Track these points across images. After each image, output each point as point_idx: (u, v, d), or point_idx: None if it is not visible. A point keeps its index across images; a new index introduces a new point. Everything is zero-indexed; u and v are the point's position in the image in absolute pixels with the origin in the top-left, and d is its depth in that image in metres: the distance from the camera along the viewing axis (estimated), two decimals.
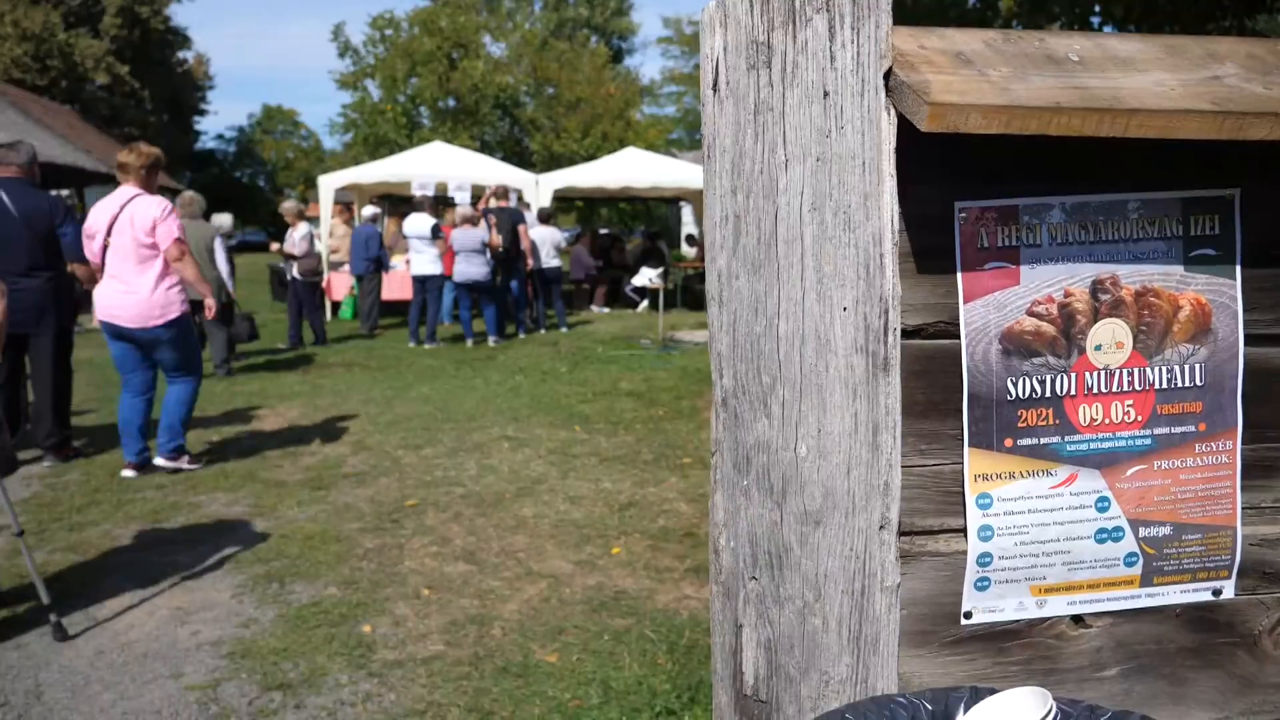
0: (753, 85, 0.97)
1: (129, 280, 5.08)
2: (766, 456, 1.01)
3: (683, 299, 16.12)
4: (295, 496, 4.96)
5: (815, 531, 1.01)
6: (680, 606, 3.53)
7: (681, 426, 6.57)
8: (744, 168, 0.99)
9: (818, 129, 0.97)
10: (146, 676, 3.03)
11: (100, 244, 5.12)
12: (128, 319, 5.08)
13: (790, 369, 1.00)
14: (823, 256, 0.98)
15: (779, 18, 0.96)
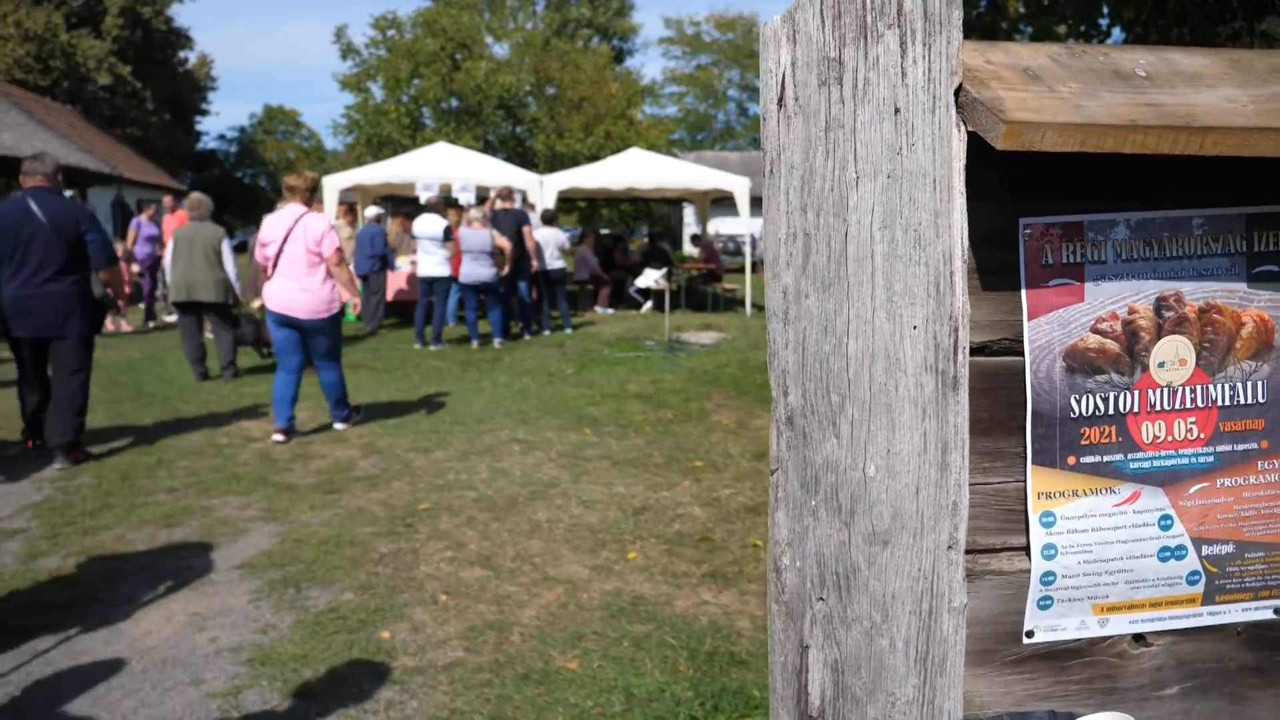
0: (824, 102, 0.96)
1: (302, 280, 6.12)
2: (835, 476, 1.00)
3: (686, 300, 16.12)
4: (307, 500, 4.95)
5: (883, 552, 1.00)
6: (699, 612, 3.52)
7: (691, 429, 6.56)
8: (814, 185, 0.98)
9: (888, 146, 0.96)
10: (167, 684, 3.02)
11: (275, 251, 6.13)
12: (300, 311, 6.14)
13: (859, 388, 0.99)
14: (893, 274, 0.97)
15: (850, 33, 0.95)
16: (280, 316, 6.20)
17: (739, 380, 8.47)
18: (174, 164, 38.74)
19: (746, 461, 5.68)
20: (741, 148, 52.47)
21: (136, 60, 35.31)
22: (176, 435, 6.46)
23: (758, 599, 3.64)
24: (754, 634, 3.34)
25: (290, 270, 6.13)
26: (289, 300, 6.14)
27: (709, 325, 12.96)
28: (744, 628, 3.39)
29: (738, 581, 3.81)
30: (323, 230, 6.21)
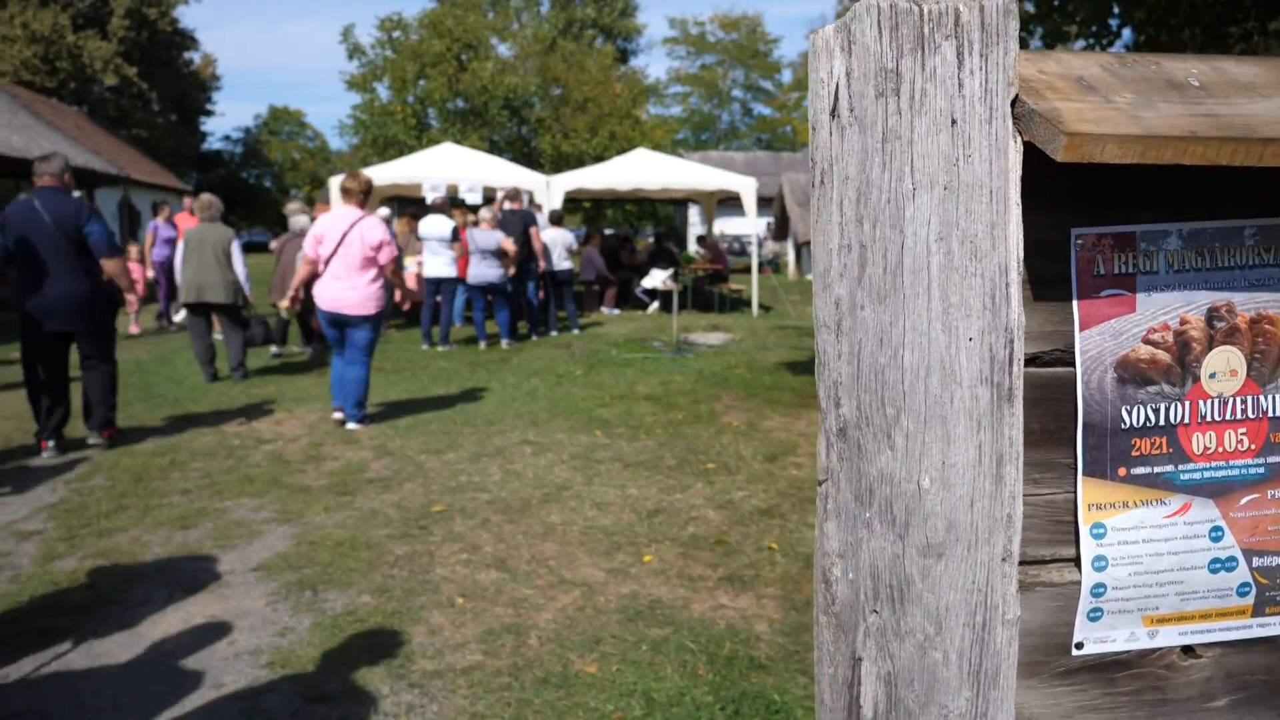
0: (881, 113, 0.96)
1: (352, 279, 6.47)
2: (889, 488, 1.00)
3: (693, 301, 16.11)
4: (321, 502, 4.95)
5: (937, 564, 1.00)
6: (717, 616, 3.52)
7: (702, 431, 6.56)
8: (870, 197, 0.97)
9: (945, 157, 0.95)
10: (188, 687, 3.03)
11: (330, 250, 6.45)
12: (349, 307, 6.47)
13: (914, 400, 0.98)
14: (949, 286, 0.96)
15: (908, 44, 0.95)
16: (330, 315, 6.56)
17: (748, 382, 8.46)
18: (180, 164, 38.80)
19: (758, 464, 5.67)
20: (746, 148, 52.44)
21: (142, 61, 35.39)
22: (188, 436, 6.46)
23: (775, 602, 3.64)
24: (772, 638, 3.34)
25: (341, 272, 6.47)
26: (339, 299, 6.48)
27: (716, 326, 12.95)
28: (762, 631, 3.39)
29: (754, 585, 3.80)
30: (380, 238, 6.52)
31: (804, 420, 6.91)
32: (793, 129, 50.76)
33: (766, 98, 55.35)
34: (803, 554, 4.14)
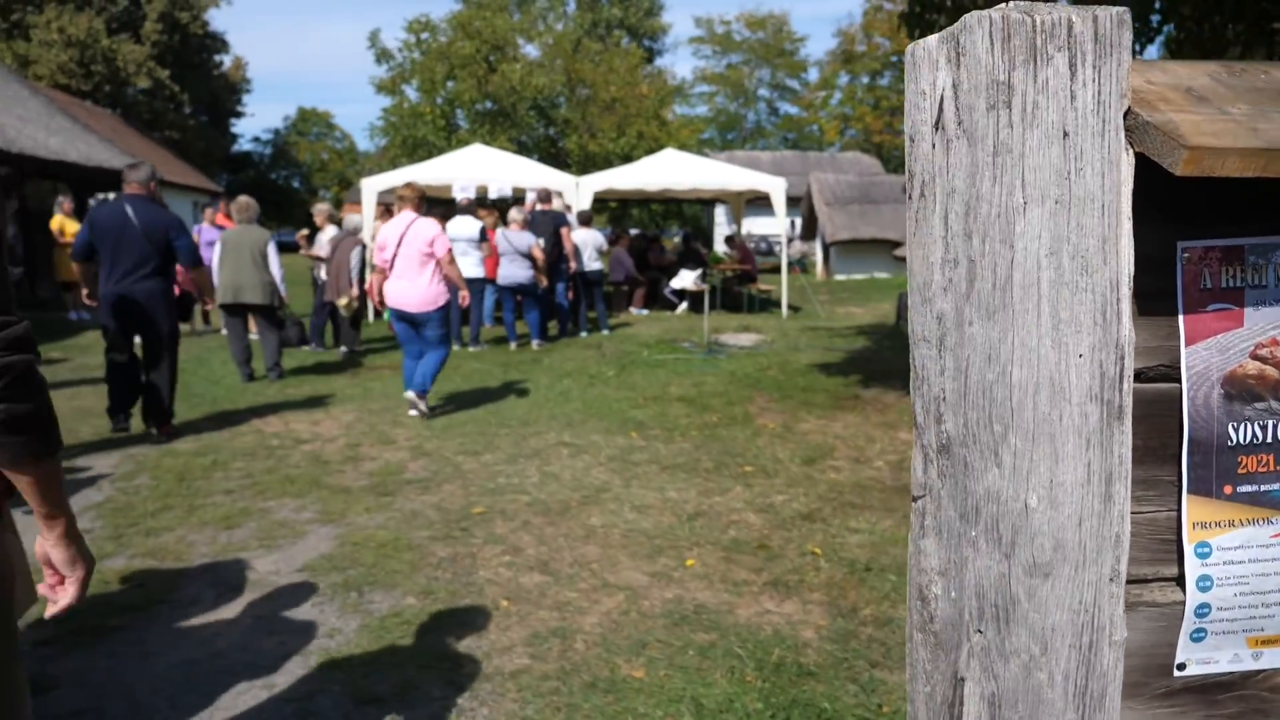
0: (992, 126, 0.94)
1: (413, 278, 6.94)
2: (996, 507, 0.99)
3: (721, 301, 16.07)
4: (362, 503, 4.98)
5: (1044, 584, 0.98)
6: (763, 621, 3.50)
7: (737, 434, 6.54)
8: (980, 211, 0.96)
9: (1056, 171, 0.94)
10: (240, 687, 3.05)
11: (391, 253, 6.97)
12: (413, 305, 6.97)
13: (1022, 417, 0.97)
14: (1059, 302, 0.95)
15: (1020, 56, 0.93)
16: (397, 311, 7.08)
17: (781, 383, 8.43)
18: (210, 166, 39.22)
19: (796, 467, 5.65)
20: (772, 147, 52.29)
21: (174, 64, 35.80)
22: (228, 436, 6.53)
23: (821, 608, 3.62)
24: (819, 644, 3.32)
25: (404, 270, 6.96)
26: (403, 296, 6.99)
27: (746, 327, 12.92)
28: (809, 638, 3.37)
29: (799, 591, 3.78)
30: (434, 233, 7.04)
31: (839, 423, 6.87)
32: (819, 128, 50.58)
33: (793, 97, 55.19)
34: (846, 559, 4.11)
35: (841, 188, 26.82)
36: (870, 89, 46.19)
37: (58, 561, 1.56)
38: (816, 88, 51.80)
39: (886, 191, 26.80)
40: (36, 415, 1.45)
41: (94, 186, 17.74)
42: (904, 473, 5.52)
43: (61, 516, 1.54)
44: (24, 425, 1.42)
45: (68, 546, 1.55)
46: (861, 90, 46.76)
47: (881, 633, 3.41)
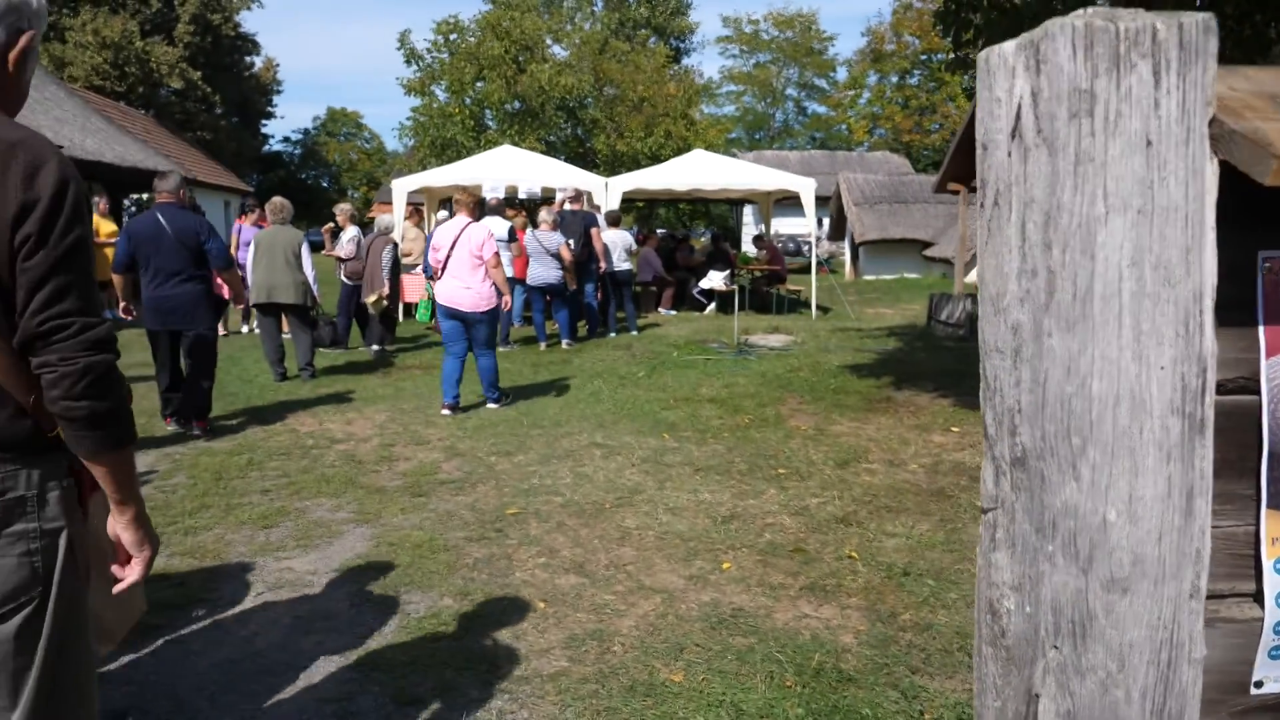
0: (1073, 135, 0.93)
1: (466, 279, 7.22)
2: (1074, 521, 0.97)
3: (750, 302, 16.02)
4: (397, 503, 5.01)
5: (1122, 600, 0.97)
6: (801, 626, 3.48)
7: (770, 435, 6.51)
8: (1060, 221, 0.94)
9: (1139, 180, 0.92)
10: (280, 686, 3.07)
11: (445, 255, 7.25)
12: (465, 305, 7.24)
13: (1102, 431, 0.95)
14: (1140, 314, 0.93)
15: (1103, 64, 0.91)
16: (447, 310, 7.32)
17: (813, 385, 8.39)
18: (241, 166, 39.62)
19: (830, 470, 5.61)
20: (800, 146, 52.09)
21: (206, 66, 36.17)
22: (263, 435, 6.58)
23: (859, 613, 3.59)
24: (859, 650, 3.29)
25: (457, 271, 7.24)
26: (455, 296, 7.24)
27: (776, 328, 12.87)
28: (849, 643, 3.35)
29: (837, 595, 3.76)
30: (484, 238, 7.28)
31: (872, 425, 6.83)
32: (848, 127, 50.31)
33: (821, 96, 54.96)
34: (883, 564, 4.08)
35: (870, 187, 26.67)
36: (899, 88, 45.90)
37: (128, 543, 1.69)
38: (845, 87, 51.55)
39: (916, 191, 26.61)
40: (115, 411, 1.56)
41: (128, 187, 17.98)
42: (939, 476, 5.47)
43: (133, 503, 1.67)
44: (103, 421, 1.54)
45: (137, 529, 1.69)
46: (891, 89, 46.48)
47: (921, 638, 3.38)
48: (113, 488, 1.63)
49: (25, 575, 1.58)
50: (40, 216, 1.48)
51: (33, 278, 1.49)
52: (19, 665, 1.60)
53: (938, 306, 12.69)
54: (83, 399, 1.51)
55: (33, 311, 1.50)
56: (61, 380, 1.50)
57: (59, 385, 1.50)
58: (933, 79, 44.02)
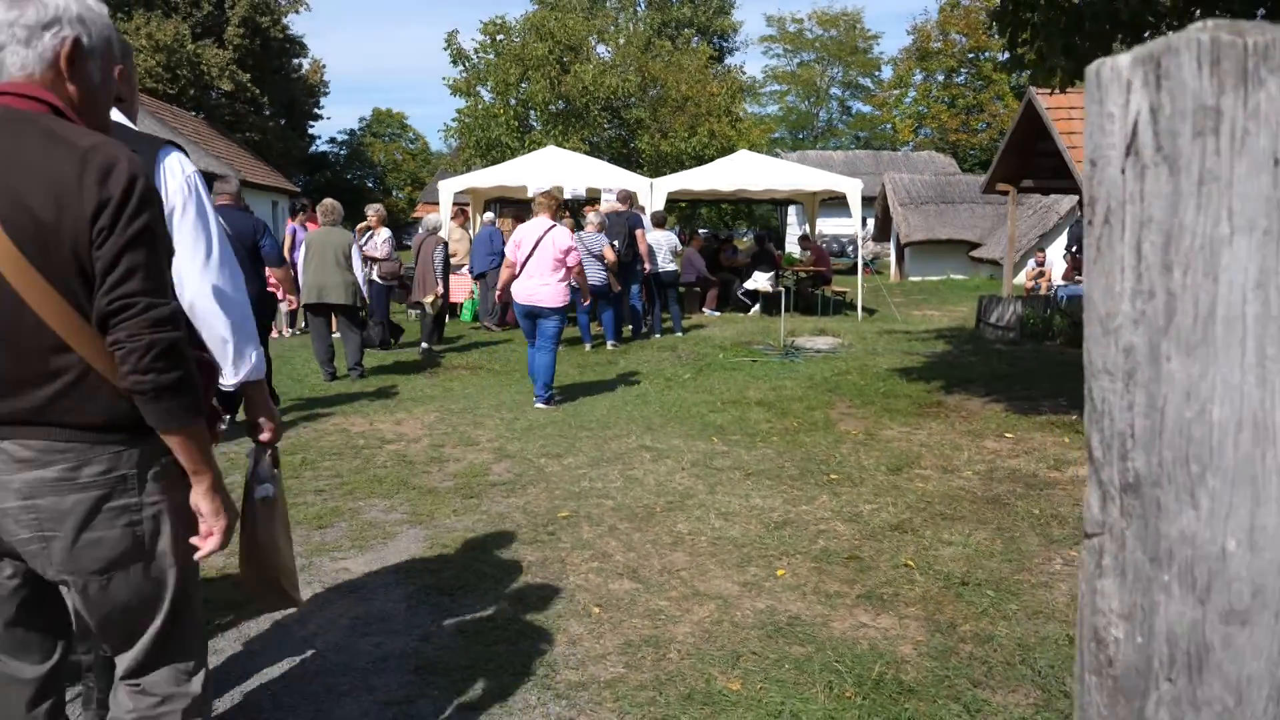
0: (1197, 153, 0.90)
1: (545, 278, 7.57)
2: (1191, 550, 0.94)
3: (795, 303, 15.92)
4: (449, 505, 5.04)
5: (1240, 632, 0.94)
6: (859, 636, 3.45)
7: (820, 440, 6.46)
8: (1182, 242, 0.91)
9: (1266, 200, 0.89)
10: (341, 688, 3.10)
11: (526, 253, 7.58)
12: (542, 301, 7.58)
13: (1222, 458, 0.92)
14: (1265, 338, 0.90)
15: (1230, 80, 0.88)
16: (525, 307, 7.67)
17: (862, 389, 8.31)
18: (289, 166, 40.15)
19: (882, 475, 5.56)
20: (844, 146, 51.71)
21: (255, 68, 36.71)
22: (314, 435, 6.67)
23: (918, 623, 3.54)
24: (919, 661, 3.25)
25: (536, 271, 7.59)
26: (534, 294, 7.60)
27: (823, 330, 12.78)
28: (908, 654, 3.30)
29: (894, 605, 3.72)
30: (569, 244, 7.71)
31: (923, 430, 6.75)
32: (893, 126, 49.82)
33: (865, 95, 54.50)
34: (941, 573, 4.03)
35: (917, 187, 26.39)
36: (946, 86, 45.32)
37: (205, 512, 1.81)
38: (890, 85, 51.03)
39: (963, 191, 26.29)
40: (180, 385, 1.67)
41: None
42: (995, 483, 5.39)
43: (208, 473, 1.79)
44: (170, 393, 1.66)
45: (213, 499, 1.80)
46: (937, 88, 45.90)
47: (983, 650, 3.33)
48: (187, 459, 1.74)
49: (128, 545, 1.76)
50: (112, 210, 1.62)
51: (104, 263, 1.62)
52: (128, 623, 1.82)
53: (987, 309, 12.52)
54: (149, 373, 1.62)
55: (103, 292, 1.63)
56: (129, 356, 1.62)
57: (127, 361, 1.62)
58: (980, 77, 43.46)
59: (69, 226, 1.61)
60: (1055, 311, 12.14)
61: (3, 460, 1.68)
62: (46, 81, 1.72)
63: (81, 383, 1.68)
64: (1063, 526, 4.64)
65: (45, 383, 1.67)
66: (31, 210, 1.61)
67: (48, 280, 1.63)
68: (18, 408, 1.67)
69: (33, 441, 1.68)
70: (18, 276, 1.61)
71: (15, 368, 1.66)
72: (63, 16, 1.72)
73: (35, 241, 1.61)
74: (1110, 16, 5.46)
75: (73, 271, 1.63)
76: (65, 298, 1.64)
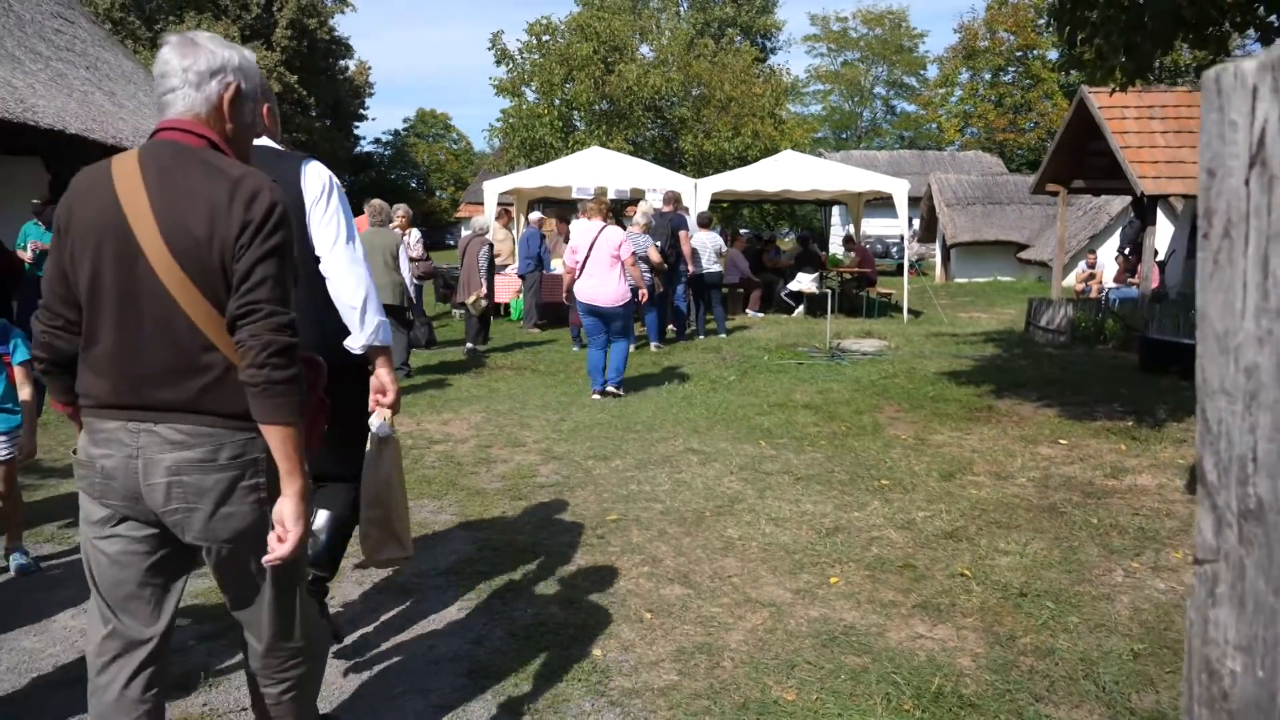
0: None
1: (603, 277, 7.92)
2: None
3: (839, 305, 15.78)
4: (498, 506, 5.05)
5: None
6: (915, 647, 3.39)
7: (869, 444, 6.39)
8: None
9: None
10: (395, 691, 3.11)
11: (584, 256, 7.95)
12: (604, 301, 7.93)
13: None
14: None
15: None
16: (587, 306, 7.99)
17: (910, 393, 8.20)
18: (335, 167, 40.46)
19: (934, 482, 5.47)
20: (887, 145, 51.21)
21: (302, 69, 37.23)
22: None
23: (976, 635, 3.48)
24: (978, 674, 3.19)
25: (595, 270, 7.94)
26: (595, 293, 7.93)
27: (869, 332, 12.64)
28: (966, 666, 3.24)
29: (951, 615, 3.65)
30: (620, 239, 8.01)
31: (975, 436, 6.64)
32: (938, 126, 49.24)
33: (910, 94, 53.94)
34: (998, 583, 3.95)
35: (963, 188, 26.07)
36: (993, 85, 44.68)
37: (287, 515, 1.95)
38: (936, 84, 50.41)
39: (1010, 192, 25.92)
40: (288, 384, 1.88)
41: None
42: (1050, 491, 5.29)
43: (299, 478, 1.94)
44: (278, 390, 1.87)
45: (298, 505, 1.95)
46: (984, 87, 45.27)
47: (1044, 664, 3.26)
48: (282, 457, 1.92)
49: (255, 519, 2.01)
50: (252, 231, 1.89)
51: (240, 273, 1.89)
52: (249, 586, 2.10)
53: (1037, 311, 12.31)
54: (263, 368, 1.85)
55: (236, 298, 1.88)
56: (249, 352, 1.85)
57: (246, 356, 1.86)
58: (1028, 76, 42.79)
59: (218, 244, 1.88)
60: (1107, 315, 11.91)
61: (156, 441, 1.94)
62: (208, 120, 2.01)
63: (224, 378, 1.93)
64: (1123, 537, 4.53)
65: (195, 376, 1.93)
66: (190, 230, 1.88)
67: (200, 290, 1.90)
68: (171, 398, 1.93)
69: (183, 426, 1.94)
70: (176, 286, 1.90)
71: (171, 363, 1.93)
72: (227, 65, 2.02)
73: (191, 256, 1.89)
74: (1173, 14, 5.32)
75: (220, 282, 1.91)
76: (213, 305, 1.91)
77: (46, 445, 6.00)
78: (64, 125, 11.58)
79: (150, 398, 1.94)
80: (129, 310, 1.92)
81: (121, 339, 1.93)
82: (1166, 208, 17.48)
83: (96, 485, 1.99)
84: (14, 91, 11.31)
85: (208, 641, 3.44)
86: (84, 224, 1.93)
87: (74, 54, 15.29)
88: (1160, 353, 9.08)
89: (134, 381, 1.94)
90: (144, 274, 1.91)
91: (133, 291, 1.92)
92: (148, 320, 1.92)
